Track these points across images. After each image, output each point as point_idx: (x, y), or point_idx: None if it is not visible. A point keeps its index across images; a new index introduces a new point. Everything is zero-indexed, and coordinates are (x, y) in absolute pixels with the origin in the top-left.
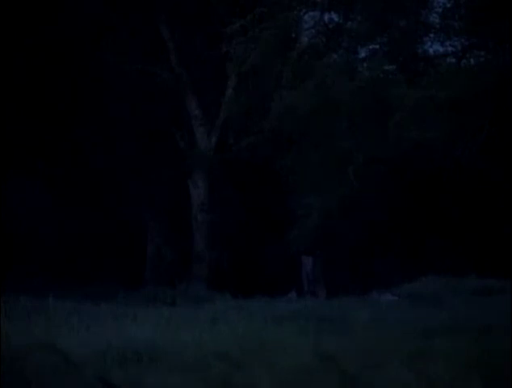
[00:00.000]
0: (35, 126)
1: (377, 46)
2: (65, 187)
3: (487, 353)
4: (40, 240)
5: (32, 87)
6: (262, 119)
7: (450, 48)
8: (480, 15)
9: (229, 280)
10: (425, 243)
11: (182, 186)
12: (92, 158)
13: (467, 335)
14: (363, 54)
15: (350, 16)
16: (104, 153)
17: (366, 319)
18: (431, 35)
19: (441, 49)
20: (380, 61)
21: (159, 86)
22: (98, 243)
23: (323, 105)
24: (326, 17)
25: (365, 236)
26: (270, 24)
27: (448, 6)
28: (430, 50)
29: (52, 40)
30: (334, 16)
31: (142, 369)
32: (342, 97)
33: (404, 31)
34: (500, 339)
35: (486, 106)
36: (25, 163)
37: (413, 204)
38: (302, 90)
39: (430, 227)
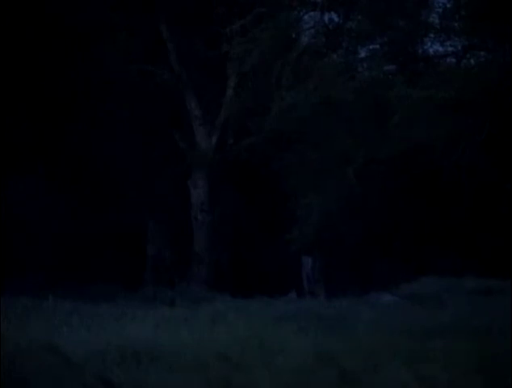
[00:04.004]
0: (35, 126)
1: (377, 46)
2: (64, 188)
3: (487, 354)
4: (40, 240)
5: (33, 88)
6: (262, 119)
7: (450, 49)
8: (480, 16)
9: (229, 281)
10: (425, 243)
11: (182, 186)
12: (92, 158)
13: (466, 335)
14: (362, 54)
15: (350, 16)
16: (104, 154)
17: (365, 319)
18: (431, 36)
19: (441, 49)
20: (380, 61)
21: (159, 87)
22: (98, 243)
23: (323, 105)
24: (326, 17)
25: (365, 236)
26: (270, 24)
27: (448, 6)
28: (430, 50)
29: (52, 40)
30: (334, 16)
31: (142, 369)
32: (341, 97)
33: (404, 31)
34: (500, 340)
35: (486, 106)
36: (25, 163)
37: (412, 204)
38: (302, 90)
39: (430, 227)
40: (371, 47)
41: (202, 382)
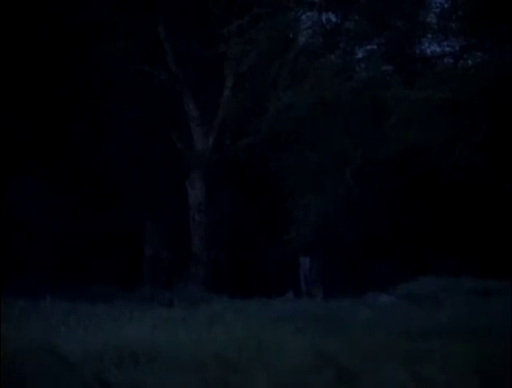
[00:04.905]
0: (35, 126)
1: (374, 47)
2: (63, 188)
3: (484, 355)
4: (39, 240)
5: (33, 88)
6: (260, 119)
7: (447, 49)
8: (477, 16)
9: (227, 281)
10: (423, 244)
11: (179, 186)
12: (90, 158)
13: (464, 336)
14: (360, 55)
15: (348, 17)
16: (102, 154)
17: (363, 320)
18: (429, 36)
19: (438, 50)
20: (377, 61)
21: (157, 87)
22: (95, 244)
23: (320, 106)
24: (324, 17)
25: (362, 237)
26: (268, 25)
27: (446, 6)
28: (428, 51)
29: (52, 40)
30: (332, 17)
31: (139, 370)
32: (339, 98)
33: (401, 31)
34: (498, 341)
35: (484, 107)
36: (25, 163)
37: (410, 204)
38: (299, 90)
39: (428, 228)
40: (368, 47)
41: (199, 383)
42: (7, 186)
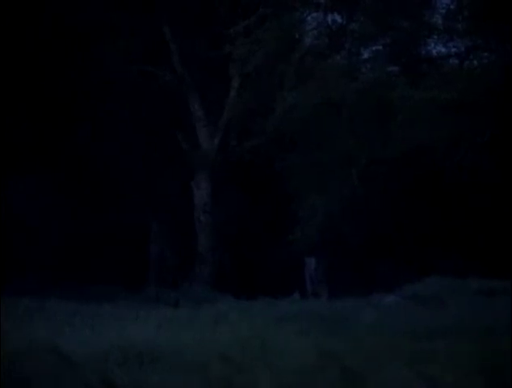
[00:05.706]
0: (36, 127)
1: (380, 47)
2: (67, 188)
3: (490, 355)
4: (41, 240)
5: (33, 88)
6: (265, 120)
7: (453, 50)
8: (483, 16)
9: (232, 282)
10: (428, 244)
11: (185, 187)
12: (94, 158)
13: (469, 336)
14: (365, 55)
15: (353, 17)
16: (106, 154)
17: (368, 320)
18: (434, 37)
19: (444, 50)
20: (383, 62)
21: (162, 88)
22: (100, 244)
23: (325, 106)
24: (329, 18)
25: (367, 237)
26: (273, 25)
27: (451, 7)
28: (433, 51)
29: (54, 40)
30: (337, 17)
31: (144, 370)
32: (344, 98)
33: (407, 32)
34: (503, 341)
35: (489, 107)
36: (25, 163)
37: (415, 205)
38: (304, 91)
39: (433, 228)
40: (373, 48)
41: (204, 383)
42: (7, 186)
